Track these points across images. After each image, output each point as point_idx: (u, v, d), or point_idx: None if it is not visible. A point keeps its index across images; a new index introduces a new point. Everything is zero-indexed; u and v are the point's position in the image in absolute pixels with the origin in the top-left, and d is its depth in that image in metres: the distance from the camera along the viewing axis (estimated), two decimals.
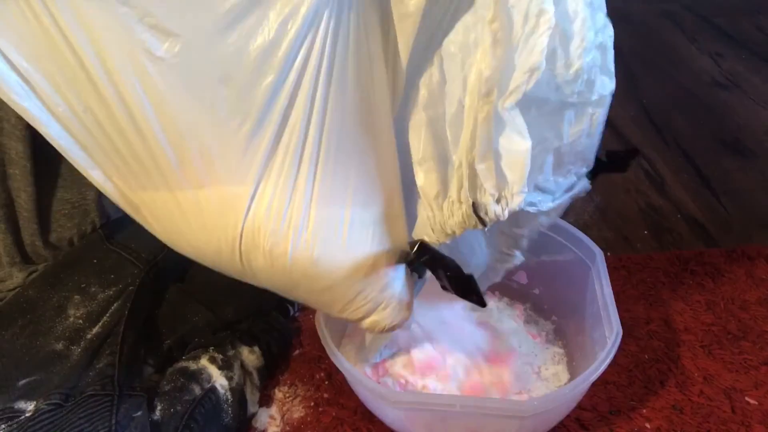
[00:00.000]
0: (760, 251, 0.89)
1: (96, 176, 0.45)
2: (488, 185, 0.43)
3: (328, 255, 0.45)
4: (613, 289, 0.65)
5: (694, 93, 1.38)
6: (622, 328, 0.60)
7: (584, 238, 0.71)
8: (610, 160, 0.54)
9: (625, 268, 0.87)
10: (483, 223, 0.45)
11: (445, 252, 0.50)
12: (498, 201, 0.44)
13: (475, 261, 0.60)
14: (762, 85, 1.40)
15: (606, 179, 1.10)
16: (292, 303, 0.82)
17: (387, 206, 0.47)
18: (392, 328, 0.52)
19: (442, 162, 0.47)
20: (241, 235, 0.44)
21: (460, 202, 0.46)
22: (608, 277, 0.66)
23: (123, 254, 0.70)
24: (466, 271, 0.50)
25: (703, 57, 1.55)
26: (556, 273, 0.76)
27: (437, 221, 0.48)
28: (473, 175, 0.44)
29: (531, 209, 0.49)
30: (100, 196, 0.71)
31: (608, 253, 0.90)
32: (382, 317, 0.50)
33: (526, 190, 0.43)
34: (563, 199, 0.51)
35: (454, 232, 0.48)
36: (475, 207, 0.45)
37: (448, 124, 0.44)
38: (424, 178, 0.47)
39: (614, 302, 0.62)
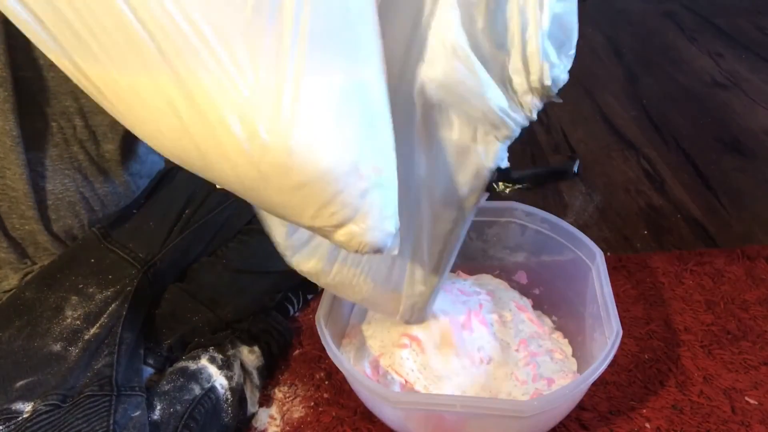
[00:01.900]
0: (760, 251, 0.89)
1: (51, 47, 0.39)
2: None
3: (306, 145, 0.39)
4: (613, 289, 0.65)
5: (694, 93, 1.38)
6: (622, 328, 0.59)
7: (584, 238, 0.70)
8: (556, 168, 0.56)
9: (625, 268, 0.87)
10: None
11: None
12: None
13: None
14: (762, 85, 1.40)
15: (606, 179, 1.10)
16: (292, 303, 0.82)
17: (372, 103, 0.43)
18: (371, 248, 0.45)
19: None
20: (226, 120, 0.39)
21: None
22: (608, 277, 0.66)
23: (121, 254, 0.70)
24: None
25: (703, 57, 1.55)
26: (556, 273, 0.76)
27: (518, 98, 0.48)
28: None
29: None
30: (86, 190, 0.69)
31: (608, 253, 0.90)
32: (360, 228, 0.43)
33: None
34: None
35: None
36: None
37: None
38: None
39: (614, 302, 0.62)
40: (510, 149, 0.53)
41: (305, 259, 0.58)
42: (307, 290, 0.84)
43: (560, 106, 1.35)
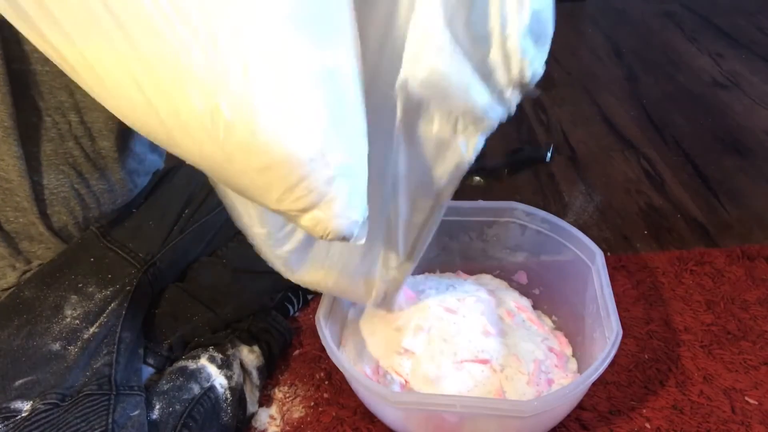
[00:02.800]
0: (760, 251, 0.89)
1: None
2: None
3: (271, 127, 0.38)
4: (613, 289, 0.65)
5: (694, 93, 1.38)
6: (622, 328, 0.59)
7: (584, 238, 0.70)
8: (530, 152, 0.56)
9: (625, 268, 0.87)
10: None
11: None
12: None
13: None
14: (762, 85, 1.40)
15: (606, 179, 1.10)
16: (292, 303, 0.82)
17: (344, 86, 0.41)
18: (336, 235, 0.43)
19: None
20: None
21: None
22: (608, 277, 0.66)
23: (120, 253, 0.70)
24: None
25: (703, 57, 1.55)
26: (556, 273, 0.76)
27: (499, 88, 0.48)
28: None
29: None
30: (80, 187, 0.68)
31: (608, 253, 0.90)
32: (325, 215, 0.42)
33: None
34: None
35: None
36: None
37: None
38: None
39: (614, 302, 0.62)
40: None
41: (280, 244, 0.58)
42: (307, 290, 0.84)
43: (560, 106, 1.35)
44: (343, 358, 0.58)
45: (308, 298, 0.85)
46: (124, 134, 0.69)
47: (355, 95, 0.42)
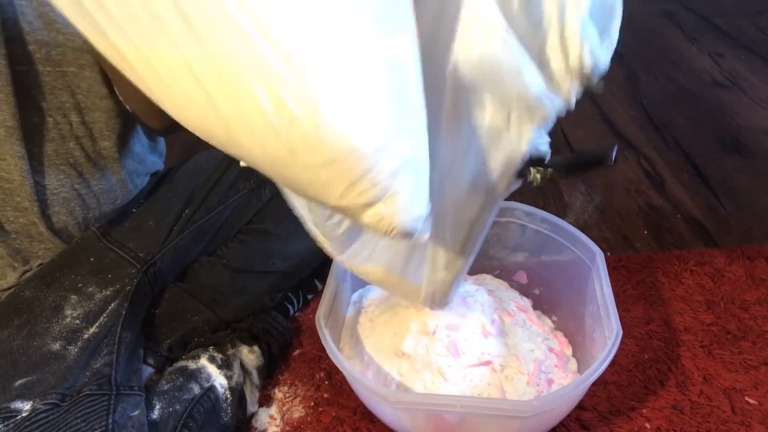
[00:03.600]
0: (760, 251, 0.89)
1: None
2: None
3: (336, 120, 0.37)
4: (613, 289, 0.64)
5: (694, 93, 1.38)
6: (622, 328, 0.59)
7: (584, 238, 0.70)
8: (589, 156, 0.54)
9: (625, 268, 0.87)
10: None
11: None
12: None
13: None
14: (762, 85, 1.40)
15: (606, 179, 1.10)
16: (292, 303, 0.82)
17: (405, 81, 0.41)
18: (400, 231, 0.43)
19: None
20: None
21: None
22: (608, 277, 0.66)
23: (120, 253, 0.70)
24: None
25: (703, 57, 1.55)
26: (556, 273, 0.76)
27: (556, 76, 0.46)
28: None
29: None
30: (81, 187, 0.68)
31: (608, 253, 0.90)
32: (389, 210, 0.41)
33: None
34: None
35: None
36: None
37: None
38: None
39: (614, 302, 0.62)
40: None
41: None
42: (307, 290, 0.84)
43: None
44: (343, 358, 0.58)
45: (308, 298, 0.85)
46: (125, 135, 0.69)
47: (417, 83, 0.41)
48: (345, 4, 0.37)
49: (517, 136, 0.49)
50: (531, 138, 0.49)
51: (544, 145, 0.50)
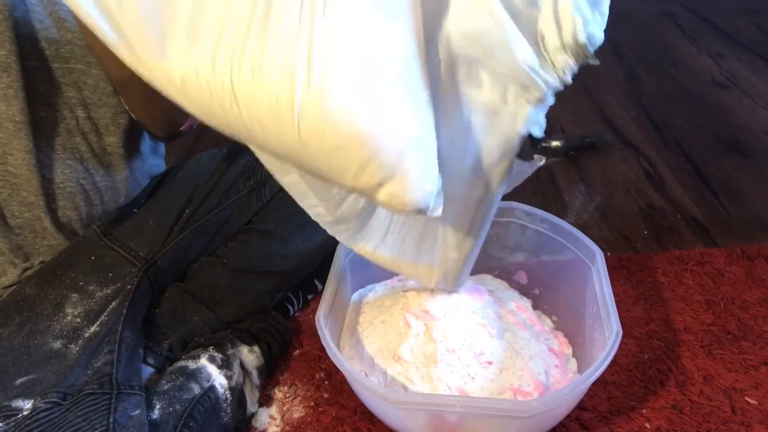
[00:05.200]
0: (760, 251, 0.89)
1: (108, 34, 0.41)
2: None
3: (338, 108, 0.39)
4: (613, 289, 0.65)
5: (694, 93, 1.38)
6: (622, 328, 0.59)
7: (584, 238, 0.70)
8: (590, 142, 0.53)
9: (625, 268, 0.87)
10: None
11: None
12: None
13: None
14: (762, 85, 1.40)
15: (606, 179, 1.10)
16: (292, 303, 0.82)
17: (407, 60, 0.42)
18: (413, 207, 0.44)
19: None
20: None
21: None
22: (608, 277, 0.66)
23: (121, 252, 0.70)
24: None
25: (703, 57, 1.55)
26: (556, 273, 0.76)
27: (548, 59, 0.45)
28: None
29: None
30: (86, 182, 0.68)
31: (608, 253, 0.90)
32: (400, 188, 0.43)
33: None
34: None
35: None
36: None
37: None
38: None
39: (614, 302, 0.62)
40: None
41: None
42: (307, 290, 0.84)
43: (560, 106, 1.35)
44: (343, 358, 0.58)
45: (308, 298, 0.85)
46: (131, 131, 0.70)
47: (419, 62, 0.42)
48: None
49: (513, 114, 0.49)
50: (528, 117, 0.49)
51: (539, 127, 0.50)
